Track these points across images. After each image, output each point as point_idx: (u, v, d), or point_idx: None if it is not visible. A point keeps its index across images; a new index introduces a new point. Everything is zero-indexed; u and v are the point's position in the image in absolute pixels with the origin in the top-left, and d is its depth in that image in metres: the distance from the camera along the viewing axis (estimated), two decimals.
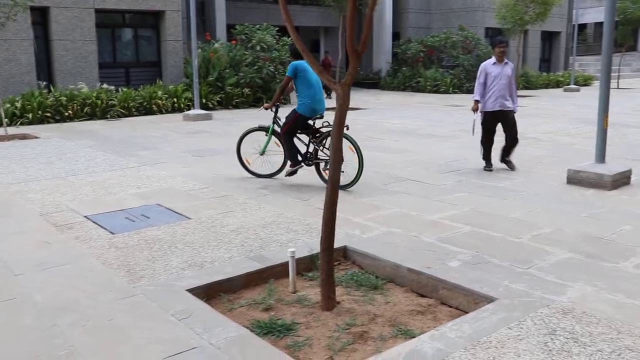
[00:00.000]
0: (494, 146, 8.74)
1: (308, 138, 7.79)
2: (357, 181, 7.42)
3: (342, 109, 3.91)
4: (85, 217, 6.30)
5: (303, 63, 7.54)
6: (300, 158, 7.85)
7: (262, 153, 8.16)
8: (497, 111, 8.48)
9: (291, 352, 3.51)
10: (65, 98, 15.59)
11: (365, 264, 4.95)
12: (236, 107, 18.76)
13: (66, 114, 15.45)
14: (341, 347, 3.57)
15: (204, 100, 17.56)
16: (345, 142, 7.53)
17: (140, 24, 19.33)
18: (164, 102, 17.26)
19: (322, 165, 7.74)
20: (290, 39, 19.12)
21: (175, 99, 17.56)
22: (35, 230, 5.85)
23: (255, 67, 18.77)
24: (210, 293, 4.29)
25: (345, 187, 7.32)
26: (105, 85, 16.96)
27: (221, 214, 6.33)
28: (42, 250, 5.20)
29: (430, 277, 4.45)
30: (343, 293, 4.38)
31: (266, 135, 8.13)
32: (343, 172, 7.35)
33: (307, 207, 6.57)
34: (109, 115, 16.16)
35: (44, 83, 16.58)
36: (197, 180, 8.08)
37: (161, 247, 5.24)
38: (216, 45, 19.40)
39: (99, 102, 16.05)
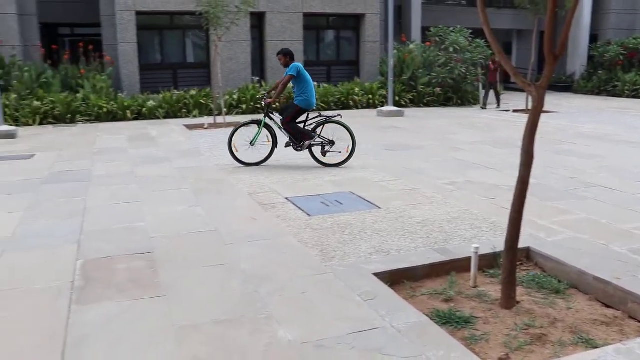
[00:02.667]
0: None
1: (303, 126, 8.56)
2: (349, 160, 8.52)
3: (536, 111, 3.72)
4: (286, 198, 6.69)
5: (300, 64, 8.47)
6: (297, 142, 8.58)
7: (252, 143, 8.69)
8: None
9: (468, 344, 3.43)
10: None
11: (548, 267, 4.68)
12: (427, 105, 18.63)
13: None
14: (518, 346, 3.43)
15: (396, 98, 17.68)
16: (340, 128, 8.40)
17: (342, 26, 19.95)
18: (360, 98, 17.69)
19: (315, 149, 8.63)
20: (483, 40, 18.65)
21: (370, 96, 17.91)
22: (244, 207, 6.33)
23: (448, 68, 18.49)
24: (394, 279, 4.33)
25: (339, 165, 8.45)
26: None
27: (409, 206, 6.35)
28: (249, 225, 5.63)
29: (618, 288, 4.09)
30: (523, 293, 4.19)
31: (258, 128, 8.65)
32: (340, 152, 8.34)
33: (493, 206, 6.35)
34: None
35: (257, 78, 17.83)
36: (388, 172, 8.17)
37: (352, 232, 5.39)
38: (411, 46, 19.43)
39: None
